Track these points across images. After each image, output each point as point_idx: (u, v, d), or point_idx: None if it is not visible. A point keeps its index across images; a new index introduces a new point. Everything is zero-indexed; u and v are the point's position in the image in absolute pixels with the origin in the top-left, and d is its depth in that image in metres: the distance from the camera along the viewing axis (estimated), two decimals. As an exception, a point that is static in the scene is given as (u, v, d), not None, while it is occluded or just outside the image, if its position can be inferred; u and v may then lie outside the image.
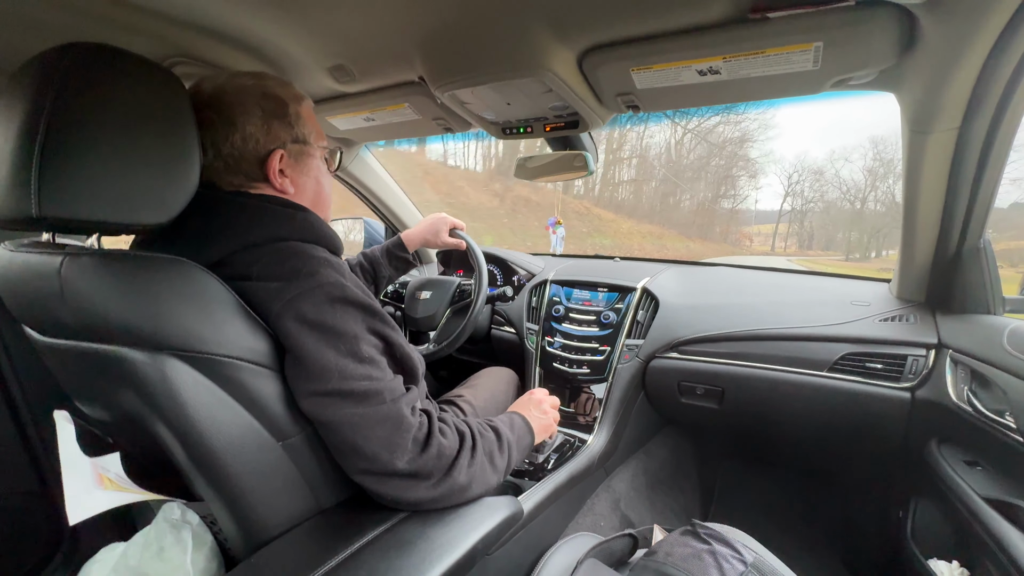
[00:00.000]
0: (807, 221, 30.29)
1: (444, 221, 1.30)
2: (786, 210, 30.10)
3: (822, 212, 30.67)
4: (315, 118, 0.74)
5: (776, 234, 28.79)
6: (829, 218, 30.81)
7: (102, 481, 0.62)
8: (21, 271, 0.58)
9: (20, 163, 0.45)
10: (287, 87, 0.70)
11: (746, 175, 28.52)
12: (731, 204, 28.02)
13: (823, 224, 30.94)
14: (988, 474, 0.86)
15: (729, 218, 28.12)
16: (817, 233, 30.68)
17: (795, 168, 30.68)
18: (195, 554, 0.62)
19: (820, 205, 30.67)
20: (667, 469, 1.51)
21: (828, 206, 30.96)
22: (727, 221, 28.10)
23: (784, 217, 29.99)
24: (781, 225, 30.39)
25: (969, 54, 0.66)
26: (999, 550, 0.74)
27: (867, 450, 1.19)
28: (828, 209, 30.75)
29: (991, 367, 0.83)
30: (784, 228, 30.47)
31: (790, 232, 29.61)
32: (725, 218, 28.02)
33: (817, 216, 30.49)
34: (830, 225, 30.90)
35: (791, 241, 29.86)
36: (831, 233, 30.59)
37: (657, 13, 0.69)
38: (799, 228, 30.26)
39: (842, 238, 30.53)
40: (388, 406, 0.61)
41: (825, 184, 31.00)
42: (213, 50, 0.88)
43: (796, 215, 30.03)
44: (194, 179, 0.57)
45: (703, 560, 0.70)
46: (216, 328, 0.55)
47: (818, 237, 30.41)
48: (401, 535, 0.62)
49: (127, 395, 0.54)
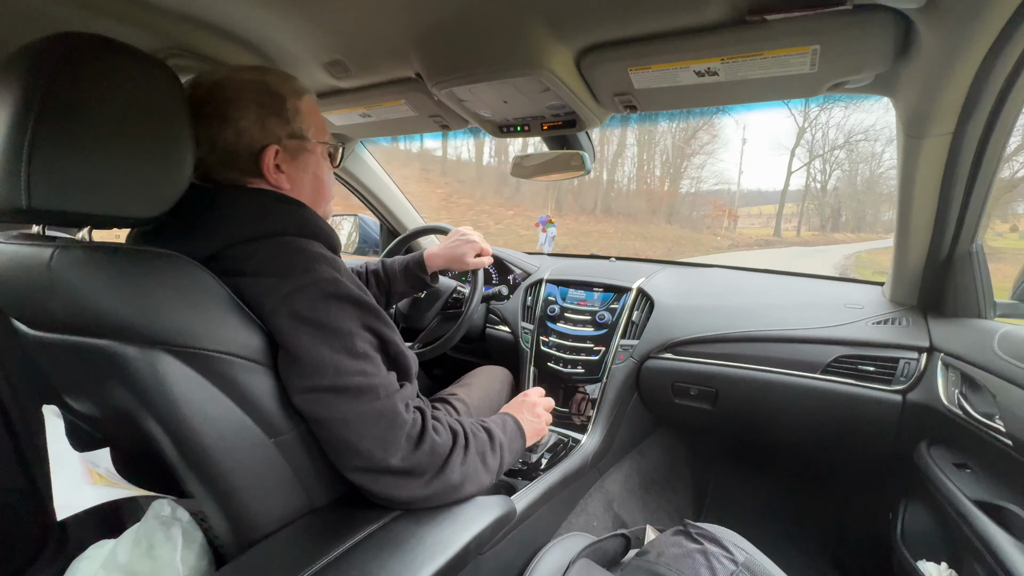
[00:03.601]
0: (830, 197, 25.02)
1: (470, 244, 1.19)
2: (791, 189, 24.89)
3: (848, 183, 25.77)
4: (317, 112, 0.73)
5: (780, 215, 24.43)
6: (858, 193, 25.85)
7: (91, 476, 0.62)
8: (10, 263, 0.57)
9: (10, 154, 0.44)
10: (288, 82, 0.70)
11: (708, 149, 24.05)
12: (691, 185, 24.07)
13: (852, 200, 25.91)
14: (977, 477, 0.87)
15: (692, 202, 23.88)
16: (845, 211, 25.49)
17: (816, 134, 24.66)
18: (185, 552, 0.62)
19: (847, 175, 25.66)
20: (660, 470, 1.52)
21: (856, 178, 25.87)
22: (691, 205, 23.86)
23: (791, 196, 25.31)
24: (790, 205, 25.90)
25: (964, 60, 0.66)
26: (987, 552, 0.75)
27: (858, 452, 1.20)
28: (856, 181, 25.78)
29: (982, 371, 0.84)
30: (792, 208, 25.64)
31: (804, 211, 25.16)
32: (689, 202, 23.79)
33: (843, 191, 25.73)
34: (860, 201, 25.88)
35: (805, 223, 25.05)
36: (860, 212, 26.05)
37: (655, 14, 0.69)
38: (817, 206, 25.08)
39: (876, 218, 25.61)
40: (382, 402, 0.61)
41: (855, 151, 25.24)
42: (207, 43, 0.87)
43: (813, 193, 24.88)
44: (187, 173, 0.56)
45: (694, 560, 0.70)
46: (209, 324, 0.54)
47: (847, 216, 25.53)
48: (393, 534, 0.62)
49: (118, 390, 0.53)
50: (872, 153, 24.93)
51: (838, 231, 25.43)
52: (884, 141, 24.16)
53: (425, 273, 1.19)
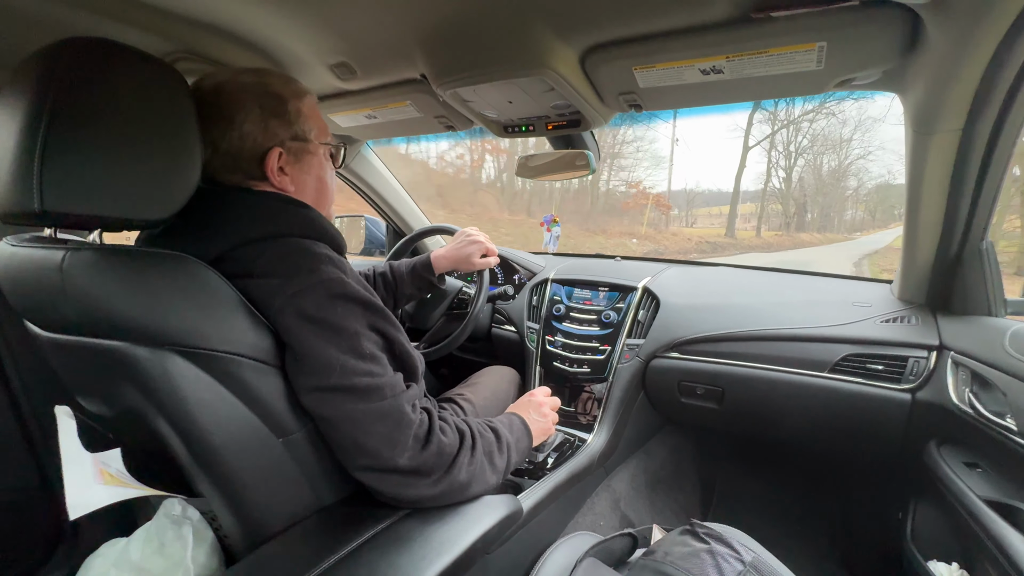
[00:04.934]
0: (794, 190, 21.94)
1: (476, 244, 1.20)
2: (755, 189, 21.54)
3: (813, 175, 22.86)
4: (318, 113, 0.74)
5: (735, 215, 20.38)
6: (824, 186, 22.97)
7: (103, 476, 0.62)
8: (23, 266, 0.58)
9: (23, 158, 0.45)
10: (289, 84, 0.70)
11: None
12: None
13: (819, 194, 22.99)
14: (988, 476, 0.86)
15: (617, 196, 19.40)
16: (812, 208, 22.29)
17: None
18: (196, 550, 0.62)
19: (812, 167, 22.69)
20: (667, 469, 1.51)
21: (822, 169, 22.96)
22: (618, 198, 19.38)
23: (755, 196, 22.16)
24: (749, 205, 22.85)
25: (973, 55, 0.66)
26: (999, 552, 0.74)
27: (867, 451, 1.19)
28: (822, 172, 23.11)
29: (992, 369, 0.83)
30: (751, 208, 22.37)
31: (763, 208, 21.93)
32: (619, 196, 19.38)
33: (809, 183, 22.72)
34: (827, 195, 23.10)
35: (765, 222, 21.70)
36: (827, 208, 23.44)
37: (660, 12, 0.69)
38: (781, 201, 21.68)
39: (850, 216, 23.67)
40: (389, 402, 0.61)
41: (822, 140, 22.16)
42: (215, 46, 0.88)
43: (775, 189, 21.45)
44: (195, 175, 0.57)
45: (701, 559, 0.70)
46: (218, 324, 0.55)
47: (812, 214, 22.43)
48: (401, 533, 0.62)
49: (128, 391, 0.54)
50: (841, 138, 21.89)
51: (804, 231, 22.47)
52: (853, 126, 21.18)
53: (432, 275, 1.19)
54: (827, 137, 22.18)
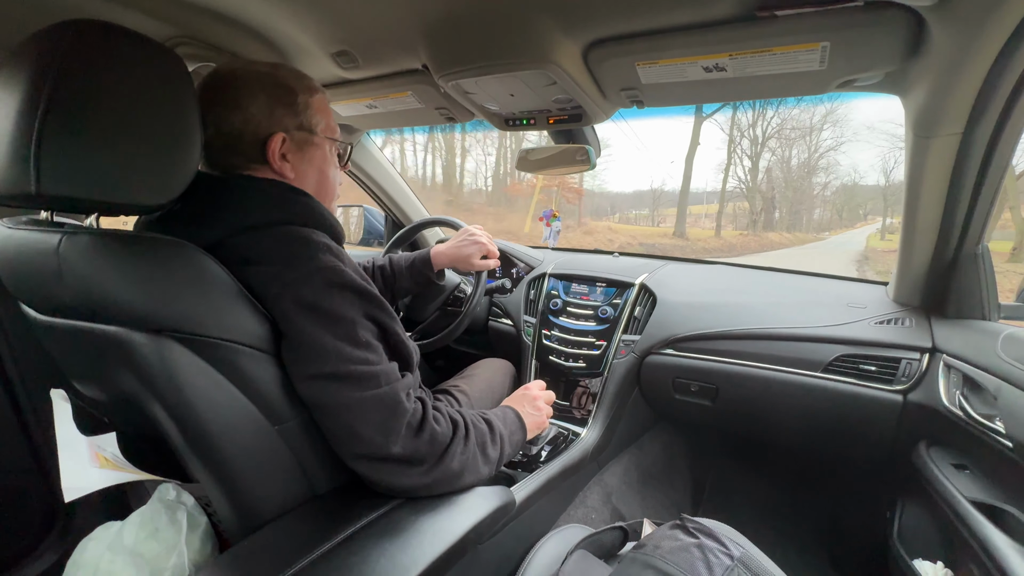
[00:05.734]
0: (761, 183, 20.19)
1: (477, 245, 1.18)
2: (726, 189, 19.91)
3: (782, 168, 21.05)
4: (329, 112, 0.74)
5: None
6: (793, 181, 21.01)
7: (98, 460, 0.63)
8: (19, 248, 0.58)
9: (20, 139, 0.45)
10: (302, 79, 0.71)
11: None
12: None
13: (788, 188, 20.90)
14: (975, 478, 0.87)
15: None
16: (780, 205, 20.88)
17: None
18: (189, 535, 0.63)
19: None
20: (659, 464, 1.52)
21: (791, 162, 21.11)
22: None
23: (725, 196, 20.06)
24: (710, 207, 21.02)
25: (976, 59, 0.66)
26: (983, 552, 0.75)
27: (857, 451, 1.20)
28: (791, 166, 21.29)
29: (984, 372, 0.84)
30: (703, 209, 21.54)
31: (722, 204, 19.83)
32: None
33: (776, 176, 21.12)
34: (796, 190, 21.33)
35: (731, 221, 20.36)
36: (796, 205, 21.88)
37: (664, 9, 0.69)
38: (747, 197, 20.18)
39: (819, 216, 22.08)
40: (384, 390, 0.62)
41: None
42: (216, 31, 0.87)
43: (742, 183, 19.94)
44: (195, 162, 0.56)
45: (691, 553, 0.71)
46: (214, 311, 0.55)
47: (782, 211, 21.04)
48: (394, 522, 0.63)
49: (124, 376, 0.54)
50: (810, 126, 20.55)
51: (772, 229, 20.23)
52: (823, 113, 19.98)
53: (431, 271, 1.18)
54: (797, 121, 20.67)
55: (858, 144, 21.97)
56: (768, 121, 20.22)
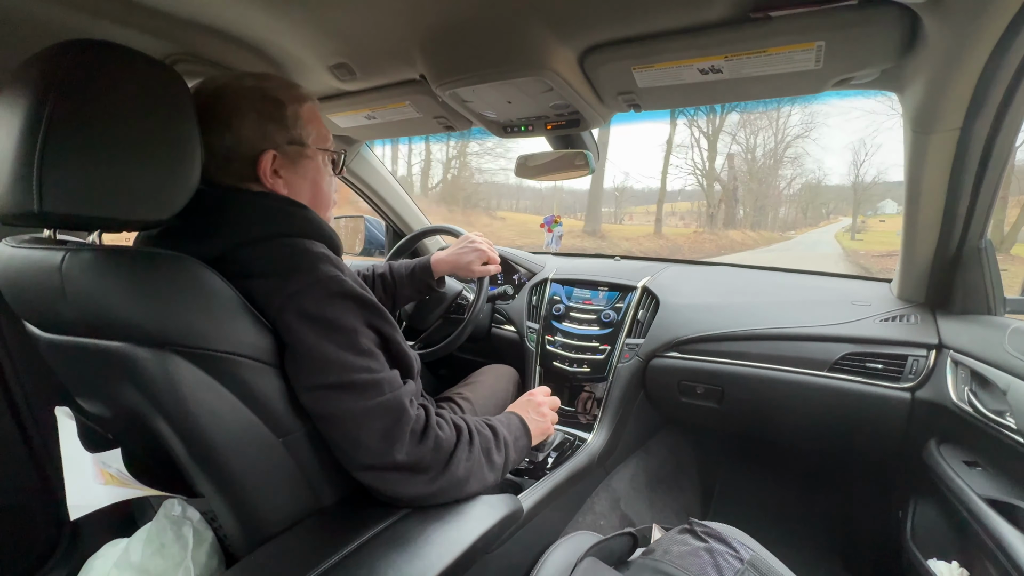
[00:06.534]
0: (724, 171, 18.25)
1: (478, 252, 1.19)
2: (689, 189, 18.75)
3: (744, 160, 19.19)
4: (319, 119, 0.73)
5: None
6: (757, 171, 19.17)
7: (103, 476, 0.63)
8: (22, 267, 0.58)
9: (22, 159, 0.45)
10: (290, 89, 0.70)
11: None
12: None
13: (754, 180, 19.27)
14: (988, 474, 0.86)
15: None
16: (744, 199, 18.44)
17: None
18: (196, 551, 0.62)
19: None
20: (667, 468, 1.51)
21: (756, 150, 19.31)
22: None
23: (688, 195, 18.66)
24: (683, 203, 19.49)
25: (971, 54, 0.66)
26: (999, 551, 0.74)
27: (866, 450, 1.19)
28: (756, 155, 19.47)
29: (992, 368, 0.83)
30: (687, 206, 19.88)
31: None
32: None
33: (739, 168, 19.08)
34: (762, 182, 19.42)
35: (690, 219, 18.92)
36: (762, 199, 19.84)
37: (658, 12, 0.69)
38: (705, 194, 18.04)
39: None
40: (387, 397, 0.62)
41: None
42: (215, 48, 0.88)
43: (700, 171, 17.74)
44: (195, 177, 0.57)
45: (700, 558, 0.70)
46: (217, 324, 0.55)
47: (746, 207, 18.56)
48: (401, 532, 0.62)
49: (128, 391, 0.54)
50: (778, 112, 18.84)
51: (734, 227, 17.89)
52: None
53: (431, 278, 1.19)
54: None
55: (828, 130, 20.98)
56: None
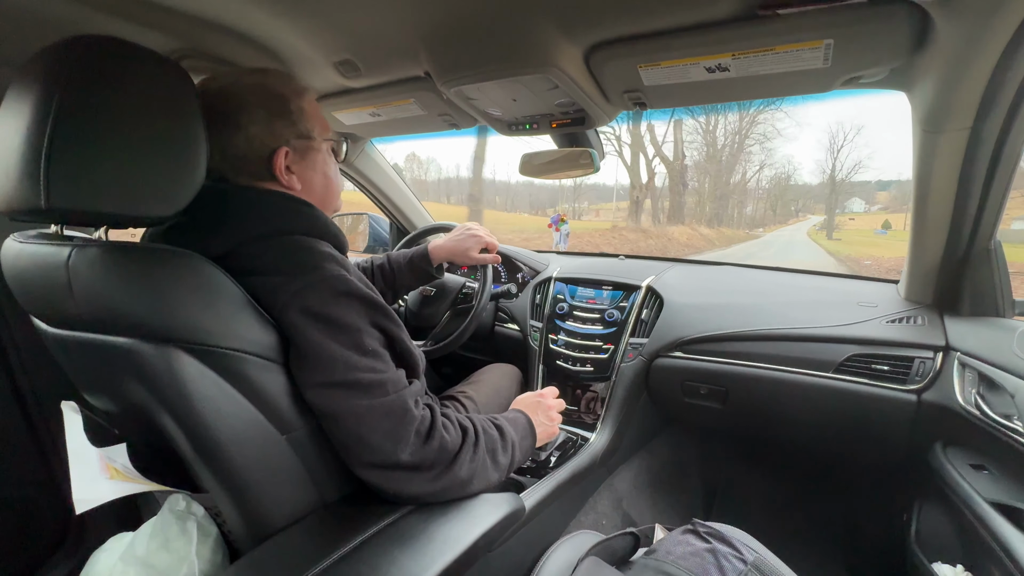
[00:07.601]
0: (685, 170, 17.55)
1: (475, 238, 1.19)
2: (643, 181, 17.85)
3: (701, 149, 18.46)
4: (319, 110, 0.74)
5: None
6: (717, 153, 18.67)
7: (109, 471, 0.63)
8: (30, 262, 0.59)
9: (29, 155, 0.45)
10: (288, 82, 0.70)
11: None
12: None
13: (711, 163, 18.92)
14: (995, 478, 0.85)
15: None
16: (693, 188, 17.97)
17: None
18: (200, 545, 0.63)
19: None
20: (669, 469, 1.51)
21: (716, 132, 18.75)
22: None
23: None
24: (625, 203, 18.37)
25: (982, 52, 0.65)
26: (1004, 555, 0.73)
27: (871, 452, 1.18)
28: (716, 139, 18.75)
29: (1000, 370, 0.83)
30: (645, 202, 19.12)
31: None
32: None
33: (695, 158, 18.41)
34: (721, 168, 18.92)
35: (634, 217, 18.68)
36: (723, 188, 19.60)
37: (665, 10, 0.69)
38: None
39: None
40: (392, 397, 0.62)
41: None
42: (221, 45, 0.88)
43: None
44: (201, 172, 0.57)
45: (703, 559, 0.70)
46: (222, 321, 0.55)
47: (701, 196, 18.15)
48: (403, 530, 0.62)
49: (134, 386, 0.54)
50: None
51: (680, 221, 15.77)
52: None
53: (430, 265, 1.18)
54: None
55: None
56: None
